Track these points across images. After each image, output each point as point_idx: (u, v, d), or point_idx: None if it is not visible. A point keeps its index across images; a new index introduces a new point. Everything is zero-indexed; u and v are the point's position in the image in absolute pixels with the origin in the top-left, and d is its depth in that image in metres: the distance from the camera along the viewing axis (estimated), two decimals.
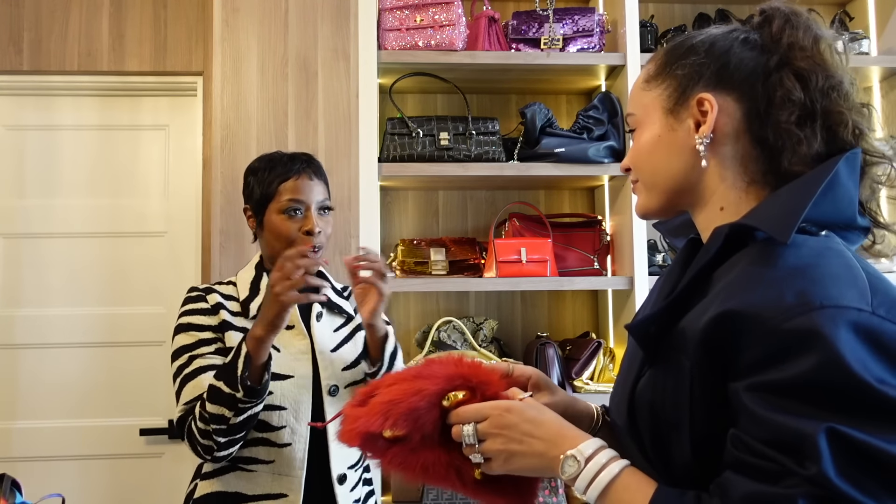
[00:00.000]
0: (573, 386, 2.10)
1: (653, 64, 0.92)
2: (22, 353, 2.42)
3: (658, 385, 0.80)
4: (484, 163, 2.11)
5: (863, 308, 0.68)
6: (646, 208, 0.93)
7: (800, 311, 0.68)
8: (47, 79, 2.45)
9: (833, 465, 0.64)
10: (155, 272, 2.48)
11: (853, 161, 0.79)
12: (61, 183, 2.48)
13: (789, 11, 0.86)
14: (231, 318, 1.46)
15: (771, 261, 0.74)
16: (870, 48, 2.31)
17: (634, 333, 0.83)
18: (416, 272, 2.17)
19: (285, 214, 1.46)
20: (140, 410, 2.42)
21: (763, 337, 0.69)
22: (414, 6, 2.09)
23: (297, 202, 1.46)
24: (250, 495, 1.40)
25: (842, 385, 0.66)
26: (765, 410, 0.68)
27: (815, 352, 0.66)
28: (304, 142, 2.07)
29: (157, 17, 2.47)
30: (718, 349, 0.73)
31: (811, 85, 0.82)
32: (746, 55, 0.85)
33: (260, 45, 2.08)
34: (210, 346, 1.42)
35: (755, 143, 0.84)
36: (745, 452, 0.70)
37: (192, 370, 1.39)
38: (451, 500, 2.07)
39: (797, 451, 0.66)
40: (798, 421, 0.66)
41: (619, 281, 2.15)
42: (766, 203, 0.81)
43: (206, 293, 1.49)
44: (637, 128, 0.92)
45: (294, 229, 1.46)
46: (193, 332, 1.43)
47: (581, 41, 2.19)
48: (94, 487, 2.39)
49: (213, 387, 1.31)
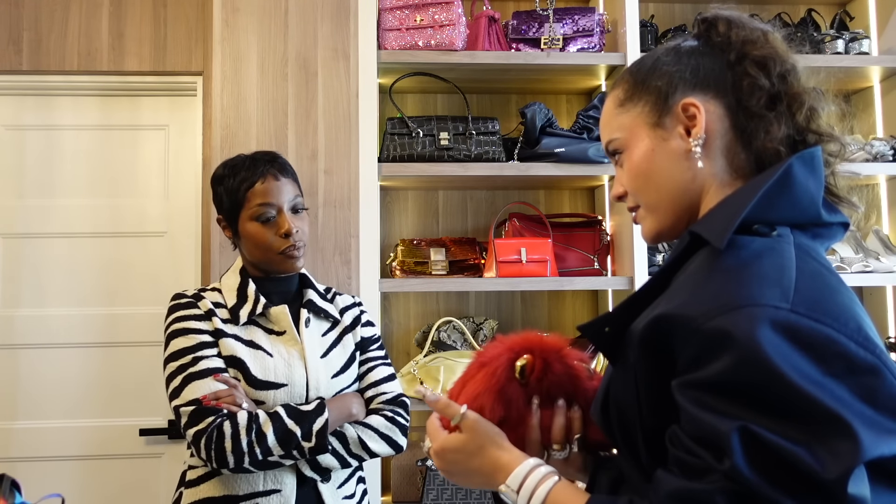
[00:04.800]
0: None
1: (620, 89, 0.93)
2: (22, 353, 2.42)
3: (619, 383, 0.83)
4: (484, 163, 2.10)
5: (780, 306, 0.70)
6: (657, 230, 0.91)
7: (719, 311, 0.71)
8: (47, 79, 2.45)
9: (745, 461, 0.66)
10: (155, 272, 2.47)
11: (810, 160, 0.81)
12: (61, 183, 2.48)
13: (729, 15, 0.91)
14: (223, 325, 1.43)
15: (712, 264, 0.77)
16: (870, 48, 2.31)
17: (585, 333, 0.87)
18: (416, 272, 2.17)
19: (258, 222, 1.44)
20: (139, 410, 2.42)
21: (689, 337, 0.72)
22: (414, 6, 2.09)
23: (267, 206, 1.44)
24: (241, 495, 1.38)
25: (759, 382, 0.68)
26: (692, 407, 0.71)
27: (732, 350, 0.69)
28: (303, 142, 2.07)
29: (156, 16, 2.47)
30: (657, 350, 0.76)
31: (771, 71, 0.85)
32: (707, 58, 0.88)
33: (260, 45, 2.08)
34: (212, 349, 1.40)
35: (736, 134, 0.86)
36: (678, 448, 0.73)
37: (198, 370, 1.37)
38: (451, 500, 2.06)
39: (716, 447, 0.69)
40: (716, 418, 0.69)
41: (619, 281, 2.15)
42: (717, 208, 0.84)
43: (197, 299, 1.47)
44: (624, 150, 0.92)
45: (271, 235, 1.44)
46: (192, 335, 1.41)
47: (581, 41, 2.19)
48: (94, 487, 2.39)
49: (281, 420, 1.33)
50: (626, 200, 0.95)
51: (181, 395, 1.36)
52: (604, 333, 0.85)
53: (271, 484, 1.38)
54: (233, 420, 1.32)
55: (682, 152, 0.87)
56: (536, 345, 0.95)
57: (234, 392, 1.35)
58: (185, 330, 1.42)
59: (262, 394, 1.40)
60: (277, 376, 1.41)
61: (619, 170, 0.94)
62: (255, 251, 1.47)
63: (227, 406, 1.32)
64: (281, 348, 1.44)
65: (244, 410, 1.33)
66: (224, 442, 1.30)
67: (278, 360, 1.43)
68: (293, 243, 1.44)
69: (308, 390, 1.44)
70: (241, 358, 1.40)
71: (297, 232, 1.44)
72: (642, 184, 0.90)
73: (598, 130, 2.11)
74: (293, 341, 1.46)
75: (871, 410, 0.67)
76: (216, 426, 1.31)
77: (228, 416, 1.32)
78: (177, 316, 1.44)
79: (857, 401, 0.67)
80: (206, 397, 1.33)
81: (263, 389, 1.40)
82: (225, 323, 1.44)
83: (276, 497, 1.38)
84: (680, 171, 0.87)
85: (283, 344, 1.45)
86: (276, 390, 1.40)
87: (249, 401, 1.37)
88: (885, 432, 0.67)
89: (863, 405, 0.67)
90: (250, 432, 1.31)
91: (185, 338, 1.41)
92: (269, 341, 1.45)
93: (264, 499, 1.37)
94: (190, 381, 1.36)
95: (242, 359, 1.40)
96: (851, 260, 2.19)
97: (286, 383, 1.41)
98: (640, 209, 0.92)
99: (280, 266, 1.47)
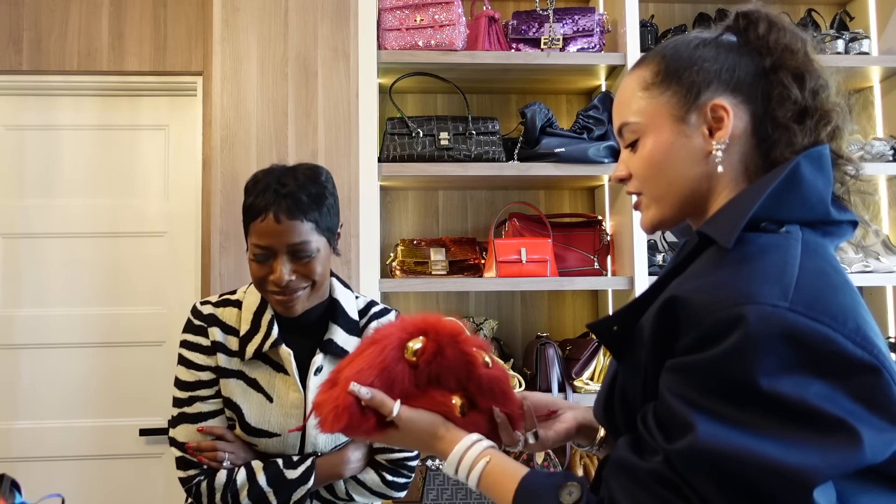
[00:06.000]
0: (573, 386, 2.10)
1: (648, 70, 0.89)
2: (22, 353, 2.42)
3: (627, 380, 0.84)
4: (484, 163, 2.10)
5: (778, 304, 0.70)
6: (658, 221, 0.91)
7: (721, 305, 0.71)
8: (47, 79, 2.45)
9: (687, 455, 0.68)
10: (155, 272, 2.48)
11: (817, 158, 0.81)
12: (61, 183, 2.48)
13: (770, 15, 0.88)
14: (227, 361, 1.36)
15: (719, 259, 0.78)
16: (870, 48, 2.31)
17: (595, 331, 0.87)
18: (416, 272, 2.17)
19: (254, 258, 1.29)
20: (140, 411, 2.42)
21: (691, 326, 0.73)
22: (414, 6, 2.09)
23: (261, 248, 1.27)
24: None
25: (734, 380, 0.69)
26: (666, 390, 0.74)
27: (722, 345, 0.70)
28: (303, 142, 2.07)
29: (156, 16, 2.47)
30: (665, 335, 0.77)
31: (806, 85, 0.84)
32: (745, 59, 0.86)
33: (260, 45, 2.08)
34: (209, 389, 1.36)
35: (756, 141, 0.85)
36: (642, 424, 0.76)
37: (192, 412, 1.35)
38: (452, 499, 2.07)
39: (671, 431, 0.72)
40: (681, 404, 0.71)
41: (619, 281, 2.15)
42: (725, 207, 0.83)
43: (209, 325, 1.37)
44: (641, 136, 0.89)
45: (263, 274, 1.29)
46: (193, 371, 1.36)
47: (581, 41, 2.19)
48: (94, 487, 2.39)
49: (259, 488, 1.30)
50: (627, 184, 0.93)
51: (174, 431, 1.37)
52: (612, 332, 0.85)
53: None
54: (210, 480, 1.31)
55: (701, 152, 0.85)
56: (432, 328, 0.94)
57: (218, 445, 1.33)
58: (188, 362, 1.37)
59: (255, 440, 1.35)
60: (271, 425, 1.34)
61: (627, 152, 0.92)
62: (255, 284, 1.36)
63: (207, 462, 1.31)
64: (282, 393, 1.35)
65: (224, 469, 1.32)
66: (202, 499, 1.31)
67: (276, 407, 1.34)
68: (282, 292, 1.29)
69: (303, 443, 1.37)
70: (237, 403, 1.35)
71: (293, 280, 1.28)
72: (654, 174, 0.88)
73: (598, 130, 2.13)
74: (294, 388, 1.35)
75: (864, 410, 0.67)
76: (195, 484, 1.32)
77: (206, 475, 1.32)
78: (185, 340, 1.38)
79: (849, 400, 0.67)
80: (190, 446, 1.32)
81: (256, 436, 1.35)
82: (231, 357, 1.36)
83: None
84: (696, 170, 0.86)
85: (285, 388, 1.35)
86: (269, 439, 1.34)
87: (237, 450, 1.34)
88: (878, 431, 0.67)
89: (856, 405, 0.67)
90: (225, 496, 1.30)
91: (188, 371, 1.36)
92: (272, 382, 1.36)
93: None
94: (182, 422, 1.35)
95: (239, 404, 1.34)
96: (851, 260, 2.19)
97: (279, 433, 1.34)
98: (643, 197, 0.91)
99: (276, 307, 1.34)
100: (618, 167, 0.94)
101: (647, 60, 0.91)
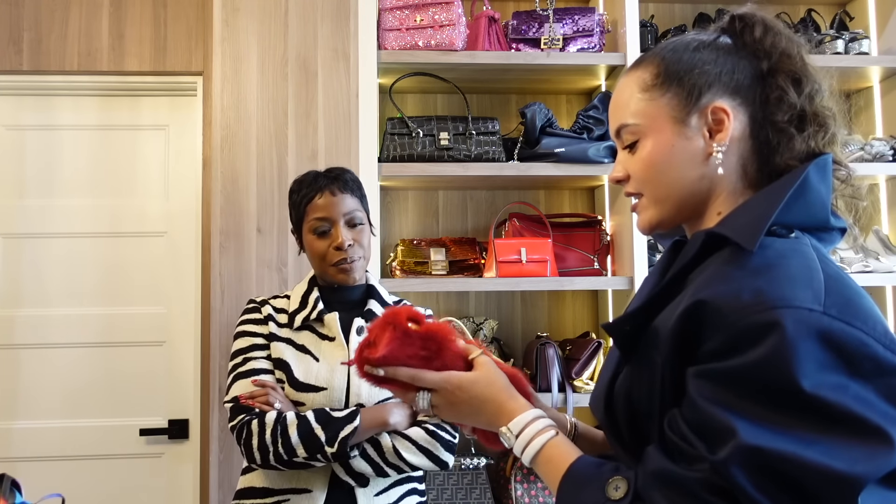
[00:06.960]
0: (573, 386, 2.10)
1: (647, 73, 0.89)
2: (22, 353, 2.42)
3: (634, 379, 0.84)
4: (484, 163, 2.10)
5: (814, 308, 0.70)
6: (656, 223, 0.90)
7: (754, 309, 0.71)
8: (47, 79, 2.45)
9: (738, 460, 0.67)
10: (155, 272, 2.47)
11: (823, 166, 0.82)
12: (61, 183, 2.48)
13: (766, 19, 0.88)
14: (277, 329, 1.53)
15: (739, 262, 0.77)
16: (870, 48, 2.31)
17: (611, 332, 0.86)
18: (416, 272, 2.17)
19: (315, 234, 1.52)
20: (140, 410, 2.42)
21: (720, 330, 0.72)
22: (414, 6, 2.09)
23: (322, 220, 1.51)
24: (276, 489, 1.45)
25: (775, 384, 0.68)
26: (699, 397, 0.72)
27: (759, 349, 0.69)
28: (303, 142, 2.07)
29: (156, 17, 2.47)
30: (687, 339, 0.76)
31: (803, 89, 0.84)
32: (743, 62, 0.86)
33: (260, 45, 2.08)
34: (262, 351, 1.51)
35: (755, 145, 0.85)
36: (674, 433, 0.74)
37: (245, 370, 1.48)
38: (452, 499, 2.07)
39: (712, 438, 0.70)
40: (722, 411, 0.70)
41: (619, 281, 2.15)
42: (739, 210, 0.83)
43: (261, 305, 1.57)
44: (640, 138, 0.89)
45: (325, 247, 1.51)
46: (248, 338, 1.52)
47: (581, 41, 2.19)
48: (94, 487, 2.39)
49: (307, 423, 1.37)
50: (625, 185, 0.93)
51: (229, 392, 1.47)
52: (624, 331, 0.85)
53: (304, 483, 1.44)
54: (260, 419, 1.40)
55: (702, 154, 0.86)
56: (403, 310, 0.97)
57: (269, 393, 1.43)
58: (243, 333, 1.54)
59: (303, 395, 1.46)
60: (318, 380, 1.47)
61: (625, 153, 0.91)
62: (314, 262, 1.55)
63: (259, 405, 1.41)
64: (328, 353, 1.50)
65: (274, 410, 1.41)
66: (251, 439, 1.39)
67: (322, 364, 1.49)
68: (346, 256, 1.49)
69: (348, 396, 1.47)
70: (286, 361, 1.49)
71: (352, 245, 1.50)
72: (653, 176, 0.88)
73: (598, 130, 2.13)
74: (340, 347, 1.50)
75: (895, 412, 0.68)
76: (245, 423, 1.41)
77: (257, 415, 1.41)
78: (242, 319, 1.57)
79: (883, 402, 0.68)
80: (242, 396, 1.43)
81: (304, 391, 1.46)
82: (281, 327, 1.54)
83: (305, 497, 1.43)
84: (695, 172, 0.86)
85: (331, 349, 1.51)
86: (316, 393, 1.46)
87: (286, 401, 1.45)
88: None
89: (888, 407, 0.68)
90: (275, 431, 1.38)
91: (242, 339, 1.53)
92: (319, 346, 1.51)
93: (296, 496, 1.44)
94: (236, 380, 1.48)
95: (288, 362, 1.49)
96: (851, 260, 2.19)
97: (325, 387, 1.46)
98: (642, 199, 0.91)
99: (335, 277, 1.53)
100: (615, 168, 0.94)
101: (646, 62, 0.91)
